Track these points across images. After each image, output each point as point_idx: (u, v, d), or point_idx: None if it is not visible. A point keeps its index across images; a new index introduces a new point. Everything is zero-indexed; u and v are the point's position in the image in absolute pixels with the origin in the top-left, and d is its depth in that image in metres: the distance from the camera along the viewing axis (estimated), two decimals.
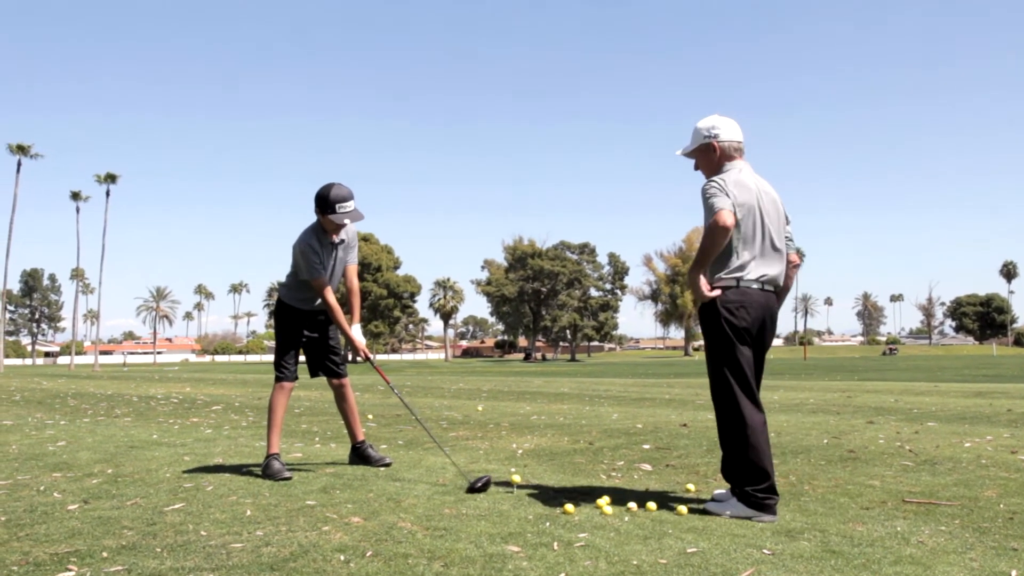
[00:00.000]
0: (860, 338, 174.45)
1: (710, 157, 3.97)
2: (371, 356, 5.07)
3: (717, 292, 3.80)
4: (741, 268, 3.80)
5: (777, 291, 3.95)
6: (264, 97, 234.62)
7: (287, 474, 4.61)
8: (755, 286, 3.81)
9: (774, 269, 3.88)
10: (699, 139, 4.01)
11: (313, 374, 5.22)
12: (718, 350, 3.83)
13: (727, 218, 3.64)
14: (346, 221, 4.87)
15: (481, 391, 15.27)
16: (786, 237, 4.02)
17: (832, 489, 4.28)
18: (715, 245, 3.69)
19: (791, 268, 4.05)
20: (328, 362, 5.16)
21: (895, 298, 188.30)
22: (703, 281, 3.79)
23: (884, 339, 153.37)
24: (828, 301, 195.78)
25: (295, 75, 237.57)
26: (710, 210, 3.71)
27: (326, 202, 4.84)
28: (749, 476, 3.71)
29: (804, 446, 6.03)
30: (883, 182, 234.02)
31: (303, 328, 5.11)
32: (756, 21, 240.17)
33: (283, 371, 4.99)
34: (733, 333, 3.78)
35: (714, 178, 3.83)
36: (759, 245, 3.83)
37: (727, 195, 3.73)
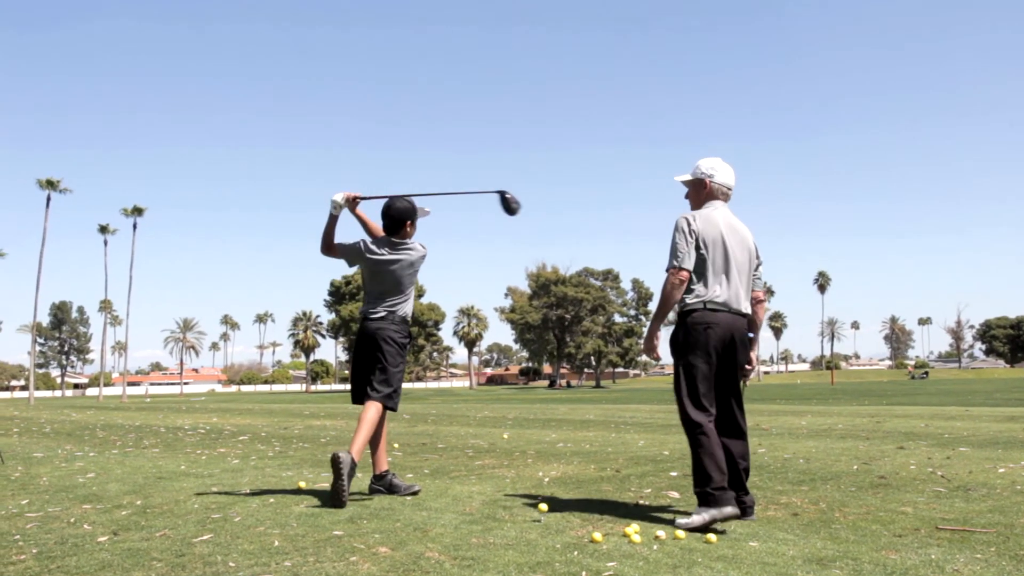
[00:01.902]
0: (888, 362, 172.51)
1: (700, 192, 4.50)
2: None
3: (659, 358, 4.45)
4: (707, 293, 4.25)
5: (747, 319, 4.38)
6: (289, 127, 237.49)
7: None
8: (721, 309, 4.24)
9: (738, 297, 4.31)
10: (697, 174, 4.51)
11: (360, 400, 5.23)
12: (681, 365, 4.27)
13: (682, 276, 4.24)
14: (428, 210, 5.30)
15: (506, 419, 15.23)
16: (755, 276, 4.50)
17: (863, 516, 4.22)
18: (672, 299, 4.27)
19: (756, 305, 4.50)
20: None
21: (923, 321, 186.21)
22: (657, 339, 4.38)
23: (912, 363, 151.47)
24: (855, 325, 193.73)
25: (319, 104, 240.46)
26: (672, 255, 4.29)
27: (415, 210, 5.23)
28: (703, 478, 4.09)
29: (834, 472, 5.96)
30: (910, 204, 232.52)
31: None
32: (781, 48, 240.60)
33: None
34: (697, 350, 4.21)
35: (686, 214, 4.37)
36: (723, 275, 4.28)
37: (688, 241, 4.26)
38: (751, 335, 4.41)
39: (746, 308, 4.35)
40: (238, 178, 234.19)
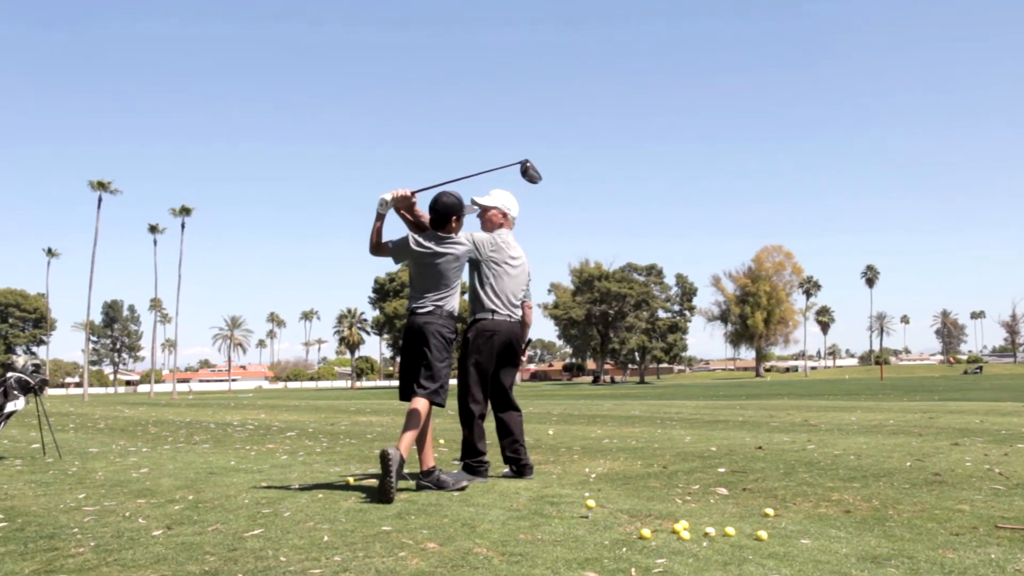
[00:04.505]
0: (939, 357, 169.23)
1: (495, 220, 5.63)
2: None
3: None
4: (493, 306, 5.47)
5: (520, 323, 5.65)
6: (332, 125, 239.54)
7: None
8: (504, 320, 5.49)
9: (515, 308, 5.58)
10: (496, 203, 5.63)
11: (407, 397, 5.21)
12: (467, 360, 5.47)
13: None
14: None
15: (551, 415, 15.22)
16: (525, 289, 5.70)
17: (918, 514, 4.14)
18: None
19: (527, 309, 5.80)
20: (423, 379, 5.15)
21: (976, 315, 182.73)
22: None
23: (965, 357, 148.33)
24: (905, 319, 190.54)
25: (363, 103, 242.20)
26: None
27: (462, 206, 5.32)
28: (468, 451, 5.53)
29: (886, 469, 5.85)
30: (961, 197, 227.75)
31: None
32: (831, 41, 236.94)
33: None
34: (482, 351, 5.45)
35: (484, 236, 5.49)
36: (506, 292, 5.50)
37: (473, 249, 5.37)
38: (526, 342, 5.89)
39: (518, 315, 5.62)
40: (283, 177, 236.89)
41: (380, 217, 5.28)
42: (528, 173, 5.53)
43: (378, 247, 5.32)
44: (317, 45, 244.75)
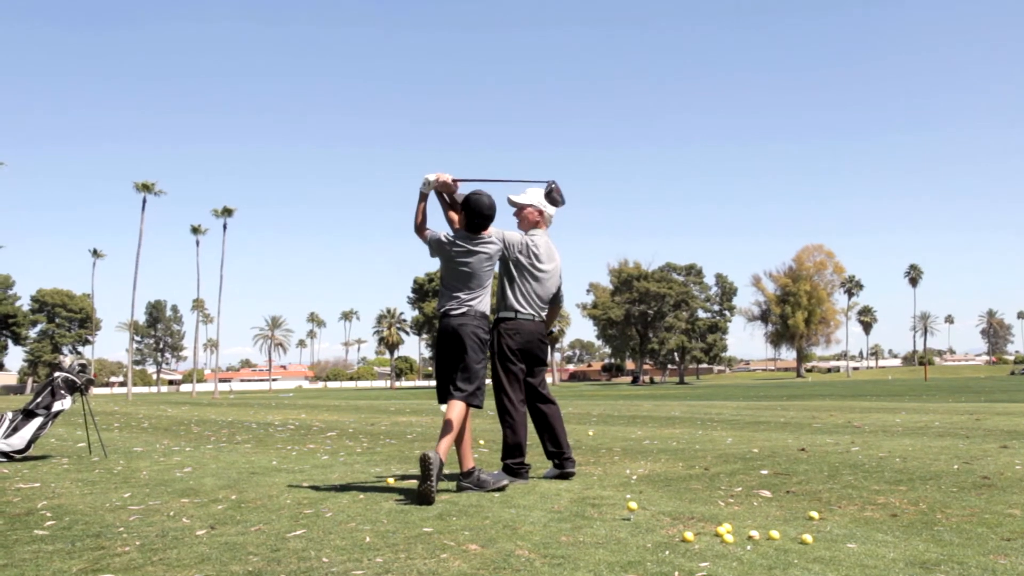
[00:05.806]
0: (985, 357, 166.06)
1: (530, 219, 5.67)
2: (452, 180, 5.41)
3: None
4: (517, 306, 5.47)
5: (544, 322, 5.63)
6: (373, 125, 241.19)
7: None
8: (526, 319, 5.48)
9: (539, 308, 5.56)
10: (532, 201, 5.64)
11: (446, 400, 5.21)
12: (497, 361, 5.47)
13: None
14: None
15: (591, 415, 15.16)
16: (553, 294, 5.66)
17: (968, 518, 4.04)
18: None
19: (554, 308, 5.78)
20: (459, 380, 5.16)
21: (1023, 315, 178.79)
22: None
23: (1012, 358, 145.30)
24: (949, 319, 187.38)
25: (405, 104, 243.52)
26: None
27: (494, 208, 5.29)
28: (508, 452, 5.48)
29: (933, 472, 5.74)
30: (1006, 194, 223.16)
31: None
32: (872, 39, 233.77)
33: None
34: (508, 350, 5.44)
35: (524, 237, 5.51)
36: (529, 293, 5.49)
37: (518, 255, 5.43)
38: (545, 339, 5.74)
39: (543, 316, 5.60)
40: (323, 177, 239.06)
41: (423, 197, 5.36)
42: (551, 195, 5.60)
43: (420, 228, 5.39)
44: (358, 46, 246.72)
